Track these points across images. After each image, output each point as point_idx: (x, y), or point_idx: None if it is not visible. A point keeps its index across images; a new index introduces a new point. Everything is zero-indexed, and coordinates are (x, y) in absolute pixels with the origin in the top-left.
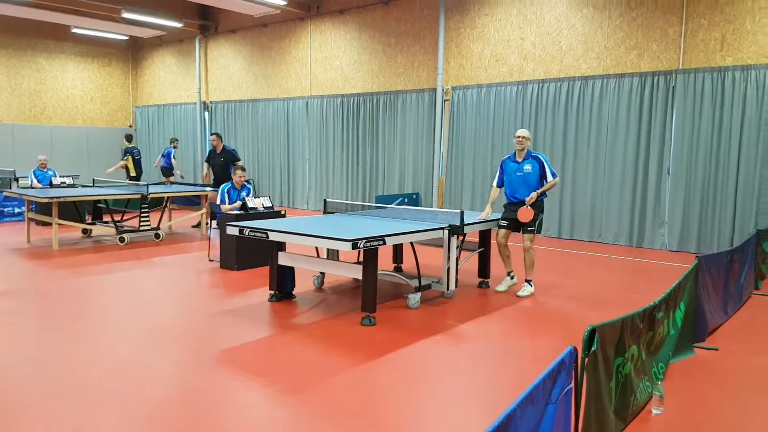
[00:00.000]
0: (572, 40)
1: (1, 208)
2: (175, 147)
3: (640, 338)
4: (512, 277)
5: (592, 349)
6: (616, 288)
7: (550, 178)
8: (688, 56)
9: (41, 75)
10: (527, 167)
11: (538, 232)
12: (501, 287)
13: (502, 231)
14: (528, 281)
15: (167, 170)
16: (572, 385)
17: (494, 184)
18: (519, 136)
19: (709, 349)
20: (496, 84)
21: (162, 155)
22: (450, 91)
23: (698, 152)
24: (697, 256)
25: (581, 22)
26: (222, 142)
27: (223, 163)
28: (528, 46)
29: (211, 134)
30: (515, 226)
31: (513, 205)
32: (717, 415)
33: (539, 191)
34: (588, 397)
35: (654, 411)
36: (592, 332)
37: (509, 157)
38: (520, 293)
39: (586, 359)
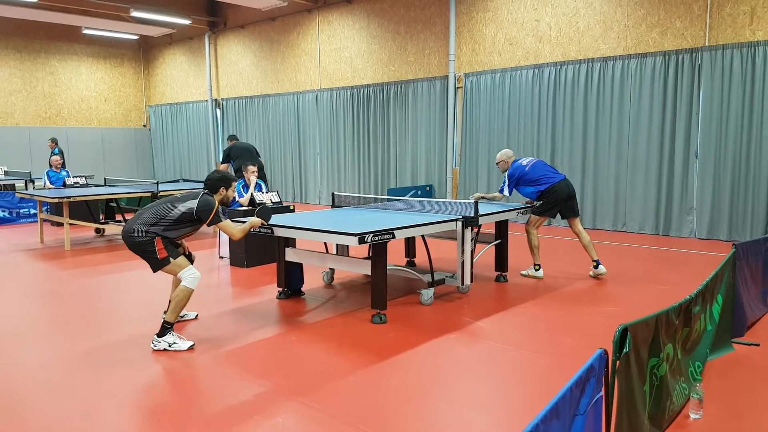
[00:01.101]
0: (590, 19)
1: (18, 210)
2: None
3: (676, 336)
4: (596, 266)
5: (624, 350)
6: (644, 280)
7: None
8: (714, 32)
9: (55, 77)
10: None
11: (537, 213)
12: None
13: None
14: (534, 265)
15: None
16: (602, 392)
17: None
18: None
19: (749, 344)
20: (510, 68)
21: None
22: (462, 78)
23: (727, 134)
24: (734, 244)
25: (599, 1)
26: (232, 140)
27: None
28: (543, 27)
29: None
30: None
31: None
32: (763, 417)
33: (483, 194)
34: (620, 404)
35: (692, 415)
36: (624, 332)
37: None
38: (523, 271)
39: (618, 362)
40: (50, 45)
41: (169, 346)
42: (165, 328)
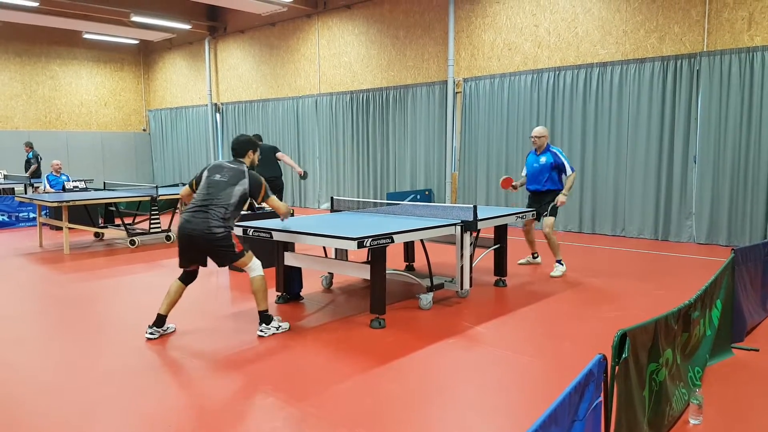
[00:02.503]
0: (589, 25)
1: (17, 214)
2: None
3: (675, 341)
4: (535, 257)
5: (623, 356)
6: (643, 285)
7: (569, 171)
8: (713, 37)
9: (55, 82)
10: (542, 159)
11: (552, 215)
12: (521, 260)
13: (526, 220)
14: (558, 261)
15: None
16: (602, 398)
17: (522, 173)
18: (532, 136)
19: (748, 349)
20: (509, 74)
21: None
22: (461, 83)
23: (726, 139)
24: (733, 249)
25: (598, 6)
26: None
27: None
28: (542, 33)
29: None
30: (536, 214)
31: (531, 194)
32: (763, 422)
33: (565, 192)
34: (619, 409)
35: (692, 421)
36: (623, 337)
37: (532, 150)
38: (552, 273)
39: (617, 368)
40: (51, 49)
41: (277, 329)
42: (266, 317)
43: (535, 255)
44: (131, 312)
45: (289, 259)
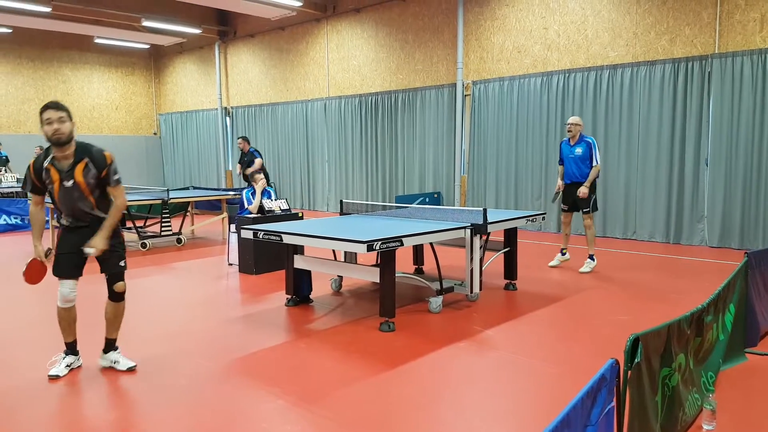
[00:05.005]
0: (598, 27)
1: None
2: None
3: (688, 345)
4: (564, 254)
5: (636, 360)
6: (655, 288)
7: (593, 162)
8: (724, 39)
9: (67, 86)
10: (578, 150)
11: (595, 210)
12: (552, 262)
13: (563, 213)
14: (590, 256)
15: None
16: (614, 403)
17: (558, 163)
18: (568, 124)
19: (762, 354)
20: (519, 76)
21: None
22: (471, 86)
23: (738, 141)
24: (746, 252)
25: (607, 8)
26: (248, 144)
27: (247, 162)
28: (552, 35)
29: (238, 138)
30: (573, 207)
31: (568, 186)
32: None
33: (587, 185)
34: (631, 415)
35: (705, 427)
36: (635, 341)
37: (565, 140)
38: (582, 269)
39: (629, 372)
40: (63, 54)
41: (69, 366)
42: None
43: (564, 251)
44: (141, 315)
45: (299, 262)
